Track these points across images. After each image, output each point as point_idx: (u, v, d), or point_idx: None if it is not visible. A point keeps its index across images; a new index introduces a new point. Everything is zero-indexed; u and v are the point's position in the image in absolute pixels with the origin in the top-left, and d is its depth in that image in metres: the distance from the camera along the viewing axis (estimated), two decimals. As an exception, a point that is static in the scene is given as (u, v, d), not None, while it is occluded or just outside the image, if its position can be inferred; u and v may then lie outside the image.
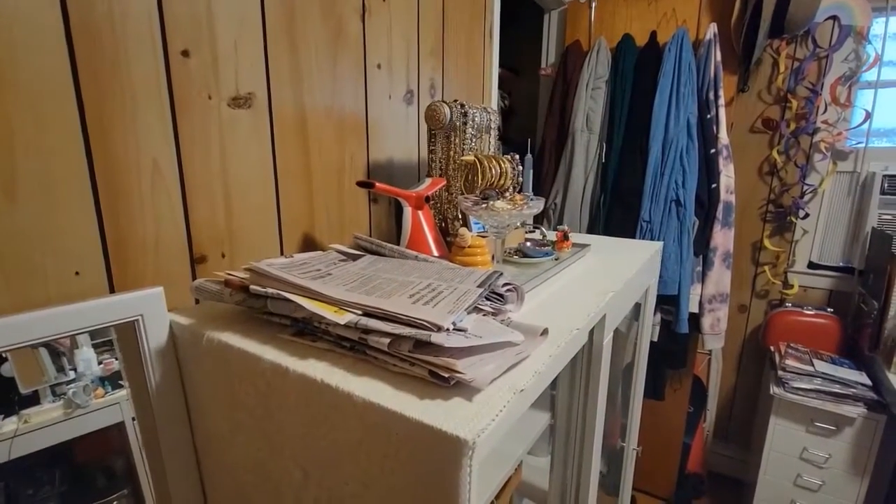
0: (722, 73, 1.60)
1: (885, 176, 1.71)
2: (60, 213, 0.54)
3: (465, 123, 0.92)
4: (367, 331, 0.47)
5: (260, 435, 0.54)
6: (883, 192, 1.72)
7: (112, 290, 0.60)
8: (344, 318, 0.48)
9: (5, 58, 0.48)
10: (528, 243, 1.00)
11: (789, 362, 1.66)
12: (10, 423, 0.58)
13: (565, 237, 1.00)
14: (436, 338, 0.43)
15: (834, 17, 1.74)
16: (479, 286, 0.54)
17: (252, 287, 0.54)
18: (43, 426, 0.61)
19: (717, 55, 1.59)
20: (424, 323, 0.45)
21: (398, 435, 0.40)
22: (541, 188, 1.91)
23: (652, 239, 1.62)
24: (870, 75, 1.75)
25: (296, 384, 0.47)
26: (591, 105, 1.77)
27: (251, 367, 0.51)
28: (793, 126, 1.85)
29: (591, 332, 0.80)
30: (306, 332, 0.54)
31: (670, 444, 1.97)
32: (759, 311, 2.07)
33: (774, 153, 1.89)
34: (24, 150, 0.51)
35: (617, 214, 1.72)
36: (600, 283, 0.82)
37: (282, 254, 0.82)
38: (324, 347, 0.51)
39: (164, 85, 0.63)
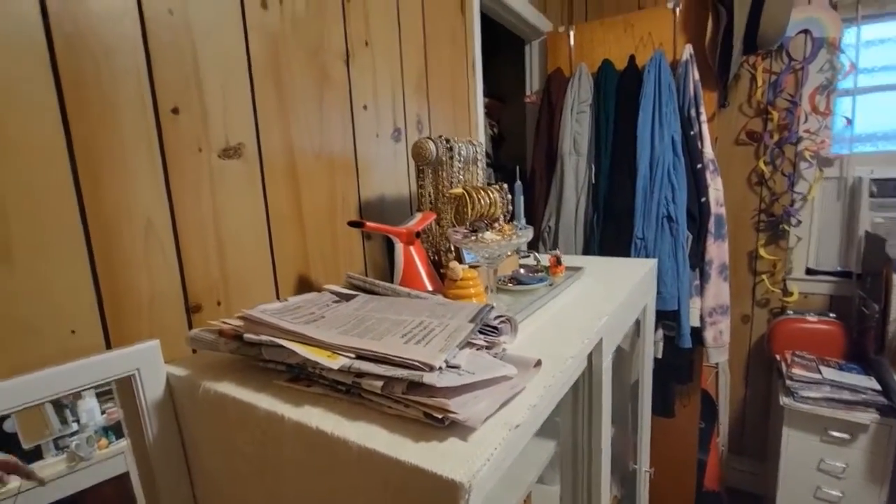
0: (701, 90, 1.64)
1: (872, 180, 1.74)
2: (55, 273, 0.55)
3: (451, 157, 0.94)
4: (361, 374, 0.47)
5: (259, 484, 0.54)
6: (872, 196, 1.74)
7: (109, 346, 0.60)
8: (337, 362, 0.48)
9: None
10: (522, 270, 1.01)
11: (796, 371, 1.64)
12: (14, 480, 0.58)
13: (558, 262, 1.01)
14: (428, 378, 0.43)
15: (806, 31, 1.80)
16: (470, 321, 0.54)
17: (246, 335, 0.55)
18: (47, 481, 0.60)
19: (695, 74, 1.64)
20: (416, 363, 0.45)
21: (395, 480, 0.40)
22: (534, 212, 1.93)
23: (647, 256, 1.63)
24: (847, 83, 1.80)
25: (292, 432, 0.47)
26: (577, 128, 1.81)
27: (247, 415, 0.51)
28: (776, 137, 1.88)
29: (590, 357, 0.80)
30: (302, 377, 0.54)
31: (685, 462, 1.93)
32: (762, 320, 2.06)
33: (761, 164, 1.92)
34: (17, 215, 0.52)
35: (611, 234, 1.74)
36: (595, 306, 0.82)
37: (277, 298, 0.83)
38: (319, 392, 0.51)
39: (155, 143, 0.65)
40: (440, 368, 0.45)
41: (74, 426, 0.63)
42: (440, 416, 0.42)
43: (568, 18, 2.23)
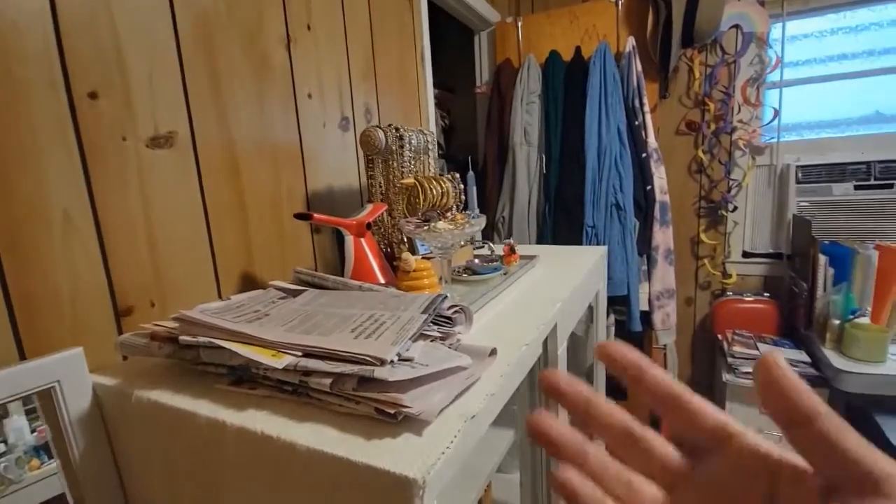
0: (644, 82, 1.70)
1: (798, 167, 1.86)
2: (-48, 278, 0.49)
3: (401, 147, 0.92)
4: (308, 372, 0.44)
5: (202, 498, 0.50)
6: (798, 182, 1.87)
7: (23, 356, 0.54)
8: (282, 361, 0.45)
9: None
10: (476, 260, 1.01)
11: (736, 348, 1.75)
12: None
13: (512, 251, 1.01)
14: (379, 372, 0.41)
15: (737, 26, 1.90)
16: (423, 312, 0.53)
17: (181, 338, 0.51)
18: None
19: (637, 66, 1.69)
20: (367, 358, 0.43)
21: (346, 481, 0.38)
22: (487, 203, 1.94)
23: (598, 243, 1.68)
24: (774, 76, 1.92)
25: (234, 439, 0.44)
26: (527, 119, 1.83)
27: (186, 424, 0.47)
28: (713, 127, 1.98)
29: (545, 343, 0.80)
30: (245, 379, 0.51)
31: (637, 440, 2.01)
32: (704, 302, 2.18)
33: (700, 152, 2.01)
34: None
35: (562, 223, 1.77)
36: (549, 293, 0.83)
37: (219, 297, 0.78)
38: (264, 395, 0.48)
39: (70, 129, 0.58)
40: (392, 362, 0.44)
41: (2, 447, 0.57)
42: (392, 412, 0.40)
43: (516, 9, 2.25)
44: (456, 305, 0.59)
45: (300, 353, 0.46)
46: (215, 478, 0.47)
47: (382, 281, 0.79)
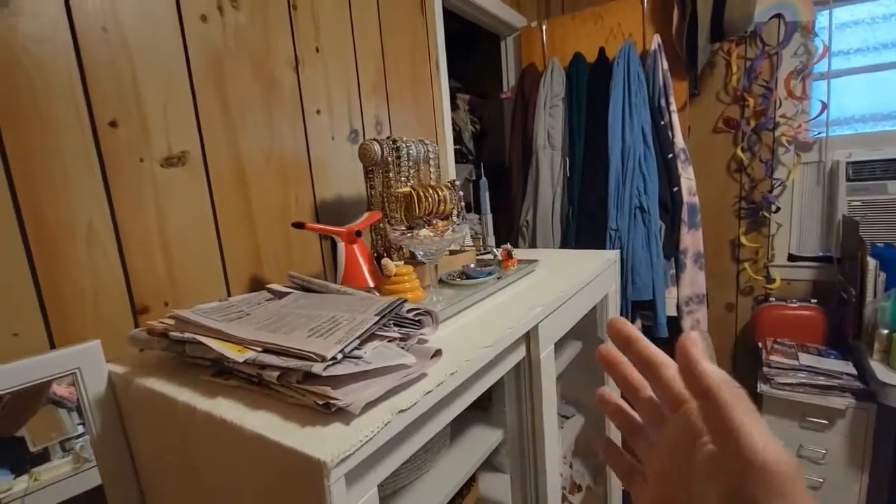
0: (671, 80, 1.65)
1: (849, 163, 1.72)
2: (-4, 280, 0.59)
3: (398, 157, 0.97)
4: (264, 366, 0.50)
5: (186, 474, 0.58)
6: (849, 179, 1.73)
7: (53, 346, 0.65)
8: (244, 356, 0.51)
9: (-68, 149, 0.55)
10: (472, 265, 1.04)
11: (774, 358, 1.64)
12: (21, 483, 0.61)
13: (509, 255, 1.03)
14: (316, 367, 0.46)
15: (779, 15, 1.79)
16: (376, 314, 0.57)
17: (171, 333, 0.59)
18: (53, 482, 0.64)
19: (663, 64, 1.64)
20: (310, 354, 0.48)
21: (280, 461, 0.43)
22: (512, 207, 1.95)
23: (621, 247, 1.65)
24: (822, 67, 1.79)
25: (202, 421, 0.51)
26: (550, 122, 1.82)
27: (169, 408, 0.55)
28: (752, 123, 1.88)
29: (528, 346, 0.82)
30: (224, 371, 0.58)
31: (670, 451, 1.94)
32: (746, 308, 2.06)
33: (738, 151, 1.91)
34: (-44, 228, 0.56)
35: (585, 226, 1.75)
36: (535, 298, 0.85)
37: (229, 297, 0.87)
38: (234, 385, 0.55)
39: (93, 154, 0.69)
40: (333, 359, 0.48)
41: (80, 429, 0.67)
42: (322, 402, 0.45)
43: (545, 13, 2.24)
44: (418, 309, 0.63)
45: (260, 349, 0.52)
46: (191, 453, 0.55)
47: (372, 284, 0.84)
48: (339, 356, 0.49)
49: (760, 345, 1.83)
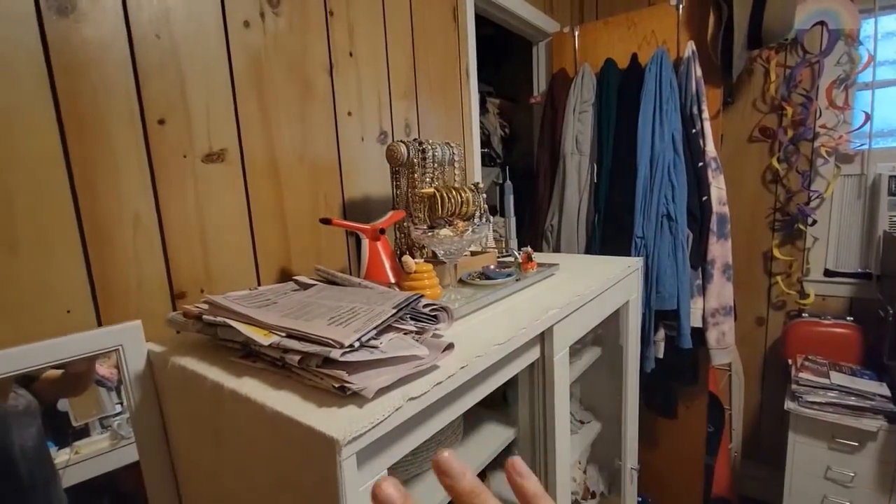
0: (704, 87, 1.62)
1: (892, 177, 1.66)
2: (54, 262, 0.66)
3: (423, 159, 1.00)
4: (286, 350, 0.54)
5: (213, 448, 0.62)
6: (891, 194, 1.66)
7: (100, 325, 0.71)
8: (269, 339, 0.56)
9: (5, 141, 0.61)
10: (492, 266, 1.06)
11: (804, 375, 1.59)
12: (63, 454, 0.68)
13: (529, 258, 1.05)
14: (334, 353, 0.50)
15: (821, 23, 1.74)
16: (394, 307, 0.60)
17: (205, 316, 0.63)
18: (92, 456, 0.71)
19: (697, 71, 1.62)
20: (329, 340, 0.52)
21: (296, 437, 0.47)
22: (538, 211, 1.96)
23: (646, 255, 1.63)
24: (866, 76, 1.72)
25: (229, 399, 0.55)
26: (579, 128, 1.82)
27: (199, 386, 0.60)
28: (790, 133, 1.83)
29: (542, 347, 0.84)
30: (252, 354, 0.62)
31: (691, 465, 1.90)
32: (777, 322, 2.00)
33: (774, 161, 1.86)
34: (22, 214, 0.63)
35: (611, 233, 1.74)
36: (553, 300, 0.86)
37: (258, 287, 0.92)
38: (260, 367, 0.59)
39: (143, 150, 0.75)
40: (351, 346, 0.52)
41: (119, 408, 0.73)
42: (338, 385, 0.48)
43: (579, 19, 2.24)
44: (434, 304, 0.66)
45: (284, 334, 0.56)
46: (218, 426, 0.59)
47: (392, 280, 0.88)
48: (356, 344, 0.53)
49: (790, 361, 1.78)
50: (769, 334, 2.03)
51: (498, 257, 1.17)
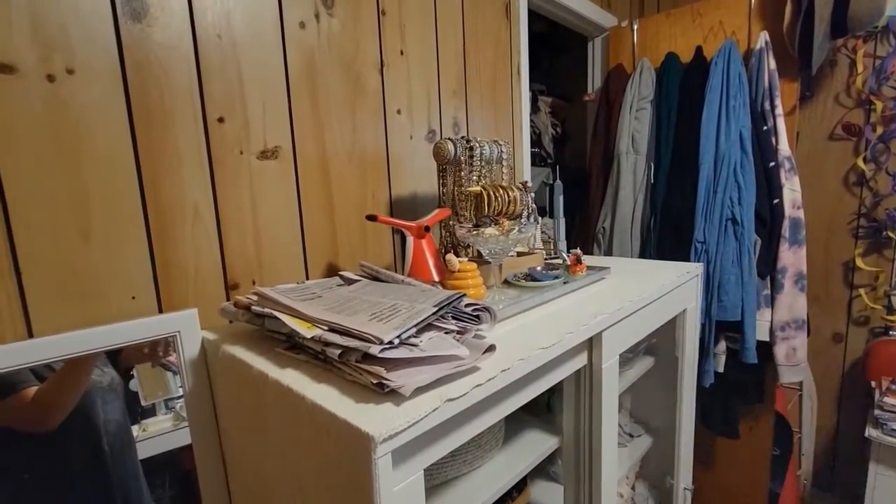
0: (778, 81, 1.50)
1: None
2: (122, 250, 0.70)
3: (471, 157, 0.99)
4: (328, 343, 0.54)
5: (256, 433, 0.64)
6: None
7: (161, 311, 0.75)
8: (312, 332, 0.56)
9: (82, 136, 0.66)
10: (539, 267, 1.03)
11: (889, 400, 1.43)
12: (133, 430, 0.73)
13: (578, 260, 1.01)
14: (373, 349, 0.50)
15: (921, 8, 1.56)
16: (434, 306, 0.59)
17: (254, 307, 0.65)
18: (158, 434, 0.76)
19: (770, 63, 1.50)
20: (369, 336, 0.52)
21: (333, 430, 0.47)
22: (589, 213, 1.89)
23: (707, 261, 1.53)
24: (976, 66, 1.52)
25: (272, 388, 0.56)
26: (635, 126, 1.74)
27: (246, 373, 0.61)
28: (879, 130, 1.65)
29: (590, 354, 0.80)
30: (296, 346, 0.63)
31: (753, 490, 1.76)
32: (858, 340, 1.81)
33: (859, 161, 1.69)
34: (96, 205, 0.67)
35: (668, 236, 1.65)
36: (602, 305, 0.82)
37: (306, 280, 0.94)
38: (303, 359, 0.60)
39: (203, 146, 0.78)
40: (390, 343, 0.51)
41: (181, 391, 0.78)
42: (376, 382, 0.48)
43: (639, 12, 2.15)
44: (476, 305, 0.65)
45: (326, 328, 0.57)
46: (261, 412, 0.61)
47: (436, 279, 0.87)
48: (396, 341, 0.52)
49: (874, 384, 1.60)
50: (848, 352, 1.84)
51: (545, 259, 1.14)
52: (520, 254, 1.12)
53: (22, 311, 0.63)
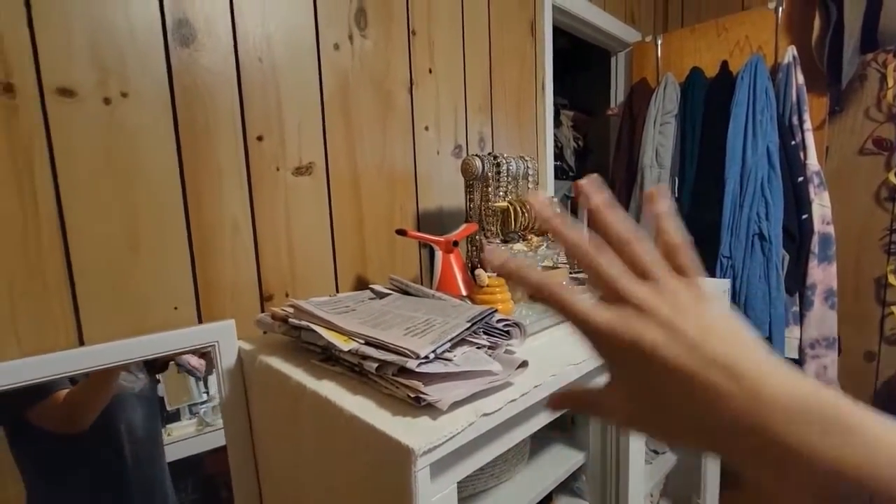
0: (806, 95, 1.48)
1: None
2: (167, 262, 0.74)
3: (497, 173, 1.00)
4: (365, 357, 0.56)
5: (290, 442, 0.66)
6: None
7: (200, 321, 0.78)
8: (349, 345, 0.58)
9: (134, 155, 0.70)
10: (564, 282, 1.03)
11: (927, 422, 1.38)
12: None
13: (604, 276, 1.01)
14: (410, 363, 0.51)
15: (955, 21, 1.53)
16: (468, 321, 0.61)
17: (290, 320, 0.68)
18: (182, 439, 0.79)
19: (798, 78, 1.49)
20: (406, 350, 0.53)
21: (372, 442, 0.48)
22: (612, 226, 1.88)
23: (734, 276, 1.51)
24: None
25: (310, 399, 0.58)
26: (660, 140, 1.74)
27: (283, 384, 0.63)
28: (912, 145, 1.61)
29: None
30: (331, 358, 0.65)
31: (782, 512, 1.71)
32: (891, 359, 1.75)
33: (891, 176, 1.65)
34: (144, 219, 0.71)
35: (694, 251, 1.63)
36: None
37: (337, 292, 0.96)
38: (339, 371, 0.62)
39: (242, 163, 0.82)
40: (426, 357, 0.53)
41: (205, 396, 0.81)
42: (413, 395, 0.49)
43: (663, 27, 2.15)
44: (508, 320, 0.66)
45: (363, 342, 0.59)
46: (298, 421, 0.62)
47: (464, 293, 0.88)
48: (432, 356, 0.54)
49: (909, 405, 1.55)
50: (881, 372, 1.78)
51: (570, 273, 1.14)
52: (544, 268, 1.13)
53: (75, 320, 0.66)
